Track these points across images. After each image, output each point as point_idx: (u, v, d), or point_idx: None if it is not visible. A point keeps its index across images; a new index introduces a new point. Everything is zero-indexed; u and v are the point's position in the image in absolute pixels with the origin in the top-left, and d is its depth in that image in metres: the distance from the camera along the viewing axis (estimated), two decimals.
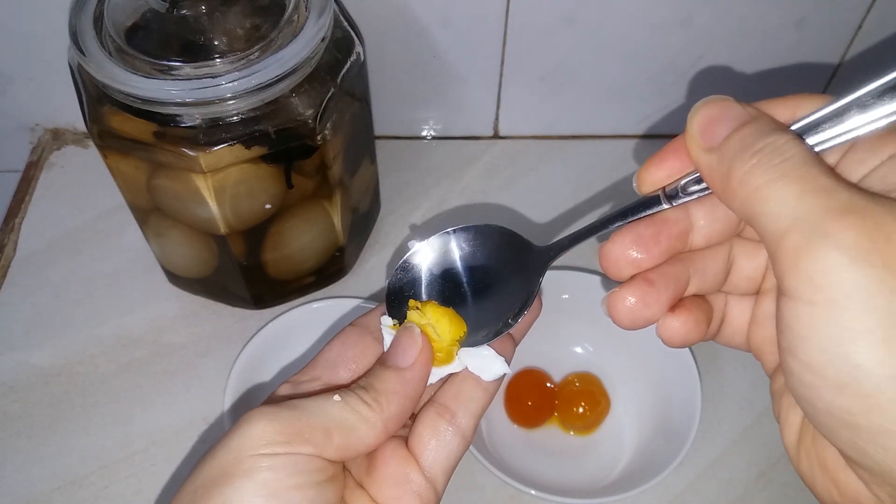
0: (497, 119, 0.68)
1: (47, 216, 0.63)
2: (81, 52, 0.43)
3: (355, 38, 0.50)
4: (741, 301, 0.30)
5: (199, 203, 0.47)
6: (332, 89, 0.47)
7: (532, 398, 0.53)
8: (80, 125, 0.67)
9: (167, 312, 0.58)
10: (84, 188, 0.65)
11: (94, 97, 0.45)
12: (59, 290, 0.59)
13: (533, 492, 0.45)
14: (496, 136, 0.69)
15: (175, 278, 0.59)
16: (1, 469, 0.51)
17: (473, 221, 0.33)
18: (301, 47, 0.44)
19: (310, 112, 0.46)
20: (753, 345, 0.30)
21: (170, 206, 0.50)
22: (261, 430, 0.28)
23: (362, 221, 0.61)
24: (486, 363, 0.32)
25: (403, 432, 0.32)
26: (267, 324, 0.52)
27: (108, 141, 0.46)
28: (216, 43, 0.45)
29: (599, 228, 0.30)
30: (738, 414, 0.54)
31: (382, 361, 0.31)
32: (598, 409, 0.53)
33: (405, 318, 0.32)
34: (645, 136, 0.69)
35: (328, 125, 0.47)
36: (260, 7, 0.47)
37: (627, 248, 0.28)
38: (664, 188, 0.28)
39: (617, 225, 0.29)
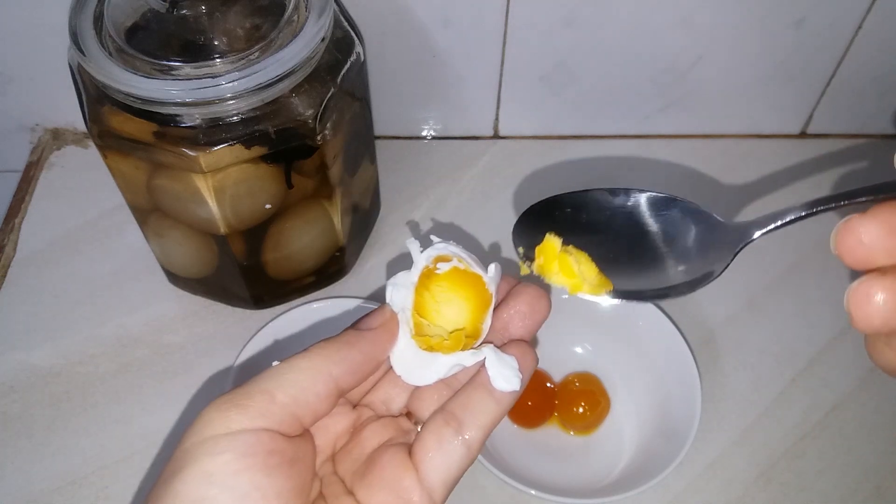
0: (497, 119, 0.68)
1: (47, 216, 0.63)
2: (81, 52, 0.43)
3: (355, 38, 0.50)
4: None
5: (199, 203, 0.47)
6: (332, 89, 0.47)
7: (532, 398, 0.53)
8: (80, 125, 0.67)
9: (167, 312, 0.58)
10: (84, 188, 0.65)
11: (94, 97, 0.45)
12: (59, 290, 0.59)
13: (533, 492, 0.45)
14: (496, 136, 0.69)
15: (175, 278, 0.59)
16: (1, 469, 0.51)
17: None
18: (301, 47, 0.44)
19: (310, 112, 0.46)
20: None
21: (170, 206, 0.50)
22: (205, 413, 0.27)
23: (362, 221, 0.60)
24: (504, 371, 0.30)
25: (406, 439, 0.31)
26: (267, 324, 0.52)
27: (108, 141, 0.46)
28: (216, 43, 0.45)
29: (833, 202, 0.24)
30: (738, 414, 0.54)
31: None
32: (598, 409, 0.53)
33: (537, 245, 0.30)
34: (645, 136, 0.69)
35: (328, 125, 0.47)
36: (260, 7, 0.47)
37: (890, 230, 0.22)
38: None
39: (863, 200, 0.23)
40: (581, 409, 0.53)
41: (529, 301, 0.32)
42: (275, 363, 0.29)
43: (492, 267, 0.32)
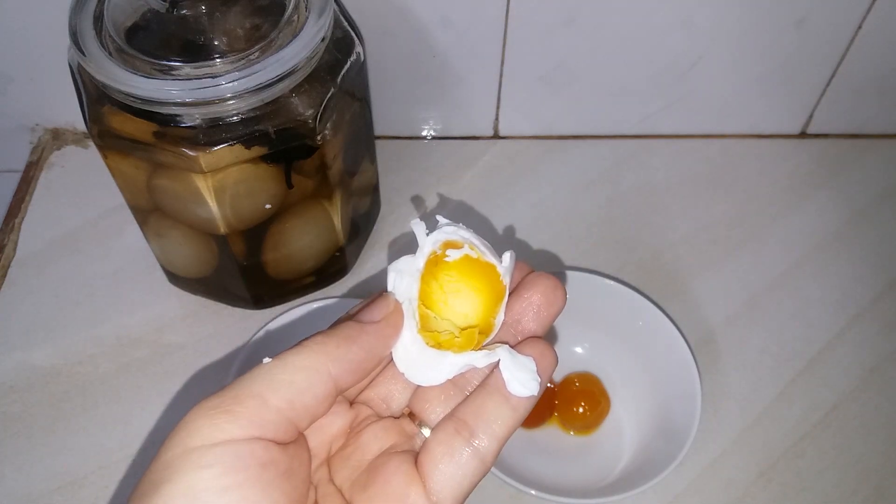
0: (497, 119, 0.68)
1: (47, 216, 0.63)
2: (81, 52, 0.43)
3: (355, 38, 0.50)
4: None
5: (199, 203, 0.47)
6: (332, 89, 0.47)
7: None
8: (80, 125, 0.67)
9: (167, 312, 0.58)
10: (84, 188, 0.65)
11: (94, 97, 0.45)
12: (59, 290, 0.59)
13: (533, 492, 0.45)
14: (496, 136, 0.69)
15: (175, 278, 0.59)
16: (1, 469, 0.51)
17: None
18: (301, 47, 0.44)
19: (310, 112, 0.46)
20: None
21: (170, 206, 0.50)
22: (190, 419, 0.24)
23: (362, 221, 0.60)
24: (520, 375, 0.27)
25: (410, 445, 0.29)
26: (267, 324, 0.52)
27: (108, 141, 0.46)
28: (216, 43, 0.45)
29: None
30: (738, 414, 0.54)
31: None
32: (598, 409, 0.53)
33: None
34: (645, 136, 0.69)
35: (328, 125, 0.47)
36: (260, 7, 0.47)
37: None
38: None
39: None
40: (581, 409, 0.53)
41: (544, 292, 0.29)
42: (266, 360, 0.26)
43: (506, 255, 0.29)
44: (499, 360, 0.28)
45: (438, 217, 0.30)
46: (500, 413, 0.27)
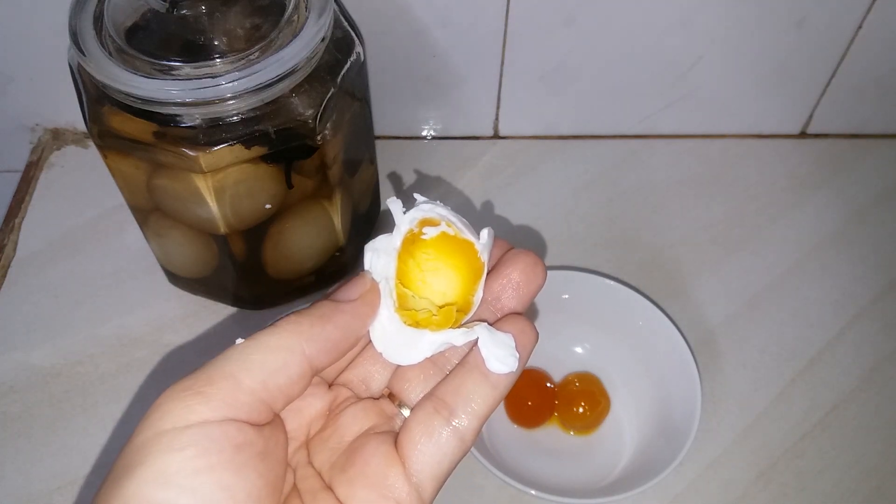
0: (497, 119, 0.68)
1: (47, 216, 0.63)
2: (81, 52, 0.43)
3: (355, 38, 0.50)
4: None
5: (199, 203, 0.47)
6: (332, 89, 0.47)
7: (532, 398, 0.53)
8: (80, 125, 0.67)
9: (167, 312, 0.58)
10: (84, 188, 0.65)
11: (94, 97, 0.45)
12: (59, 290, 0.59)
13: (533, 492, 0.45)
14: (496, 136, 0.69)
15: (175, 278, 0.59)
16: (1, 469, 0.51)
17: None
18: (301, 47, 0.44)
19: (310, 112, 0.46)
20: None
21: (170, 206, 0.50)
22: (162, 402, 0.24)
23: (362, 221, 0.60)
24: (499, 352, 0.27)
25: (390, 426, 0.28)
26: (267, 324, 0.52)
27: (108, 141, 0.46)
28: (216, 43, 0.45)
29: None
30: (738, 414, 0.54)
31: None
32: (598, 409, 0.53)
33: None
34: (645, 136, 0.69)
35: (328, 125, 0.47)
36: (260, 7, 0.47)
37: None
38: None
39: None
40: (581, 409, 0.53)
41: (524, 269, 0.29)
42: (238, 341, 0.26)
43: (484, 232, 0.29)
44: (477, 337, 0.27)
45: (416, 195, 0.29)
46: (480, 391, 0.27)
